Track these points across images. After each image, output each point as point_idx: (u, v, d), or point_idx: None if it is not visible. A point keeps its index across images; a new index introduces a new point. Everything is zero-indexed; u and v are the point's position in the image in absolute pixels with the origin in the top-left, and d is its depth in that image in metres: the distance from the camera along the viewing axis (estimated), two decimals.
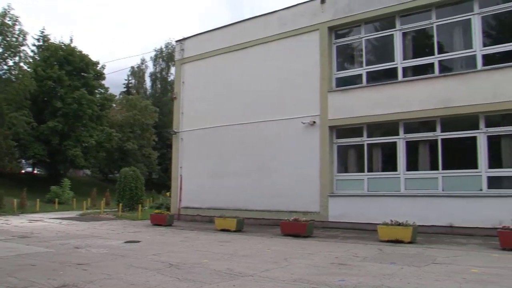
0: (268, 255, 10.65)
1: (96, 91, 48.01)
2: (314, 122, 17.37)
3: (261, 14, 19.94)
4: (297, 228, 14.32)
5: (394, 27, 16.25)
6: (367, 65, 16.85)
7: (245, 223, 16.64)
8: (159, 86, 65.26)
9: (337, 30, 17.68)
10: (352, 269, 8.78)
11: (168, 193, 29.10)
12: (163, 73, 65.48)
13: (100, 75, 48.52)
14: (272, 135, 18.59)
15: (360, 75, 16.93)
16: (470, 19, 14.83)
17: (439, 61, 15.33)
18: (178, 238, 14.53)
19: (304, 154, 17.53)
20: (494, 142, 14.28)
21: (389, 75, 16.28)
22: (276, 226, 15.67)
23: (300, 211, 16.71)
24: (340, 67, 17.65)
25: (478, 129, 14.45)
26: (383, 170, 16.39)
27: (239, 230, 16.02)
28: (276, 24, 19.00)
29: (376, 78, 16.69)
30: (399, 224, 12.73)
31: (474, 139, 14.50)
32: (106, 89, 50.49)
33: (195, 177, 21.11)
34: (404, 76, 15.94)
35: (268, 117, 18.74)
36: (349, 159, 17.41)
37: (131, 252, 11.16)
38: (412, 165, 15.68)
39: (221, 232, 15.94)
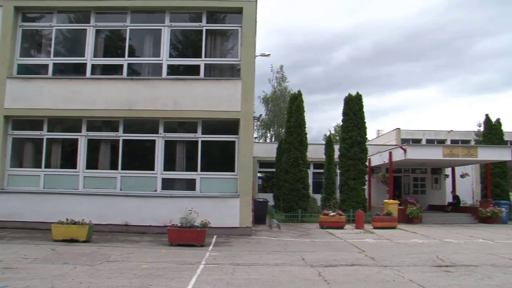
0: None
1: None
2: None
3: None
4: None
5: (89, 23, 15.81)
6: (55, 56, 15.79)
7: None
8: None
9: (25, 12, 16.04)
10: (19, 272, 8.13)
11: None
12: None
13: None
14: None
15: (46, 65, 15.70)
16: (161, 29, 15.66)
17: (129, 64, 15.60)
18: None
19: None
20: (170, 147, 15.29)
21: (78, 70, 15.70)
22: None
23: None
24: (25, 53, 15.99)
25: (157, 133, 15.24)
26: (62, 167, 15.53)
27: None
28: None
29: (64, 71, 15.85)
30: (75, 223, 12.37)
31: (153, 142, 15.22)
32: None
33: None
34: (92, 73, 15.58)
35: None
36: (25, 153, 15.79)
37: None
38: (92, 163, 15.36)
39: None
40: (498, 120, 26.68)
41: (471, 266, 9.59)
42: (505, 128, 26.88)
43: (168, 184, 15.06)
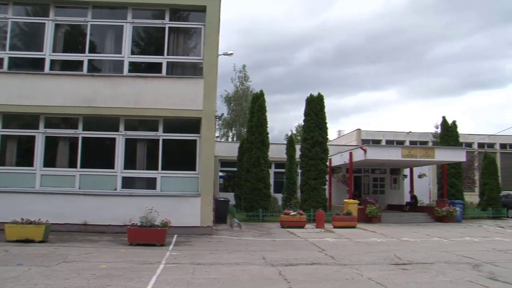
0: None
1: None
2: None
3: None
4: None
5: (48, 16, 15.32)
6: (11, 49, 15.18)
7: None
8: None
9: None
10: None
11: None
12: None
13: None
14: None
15: (1, 59, 15.07)
16: (123, 25, 15.39)
17: (89, 60, 15.25)
18: None
19: None
20: (130, 145, 15.06)
21: (35, 65, 15.17)
22: None
23: None
24: None
25: (118, 131, 14.99)
26: (18, 165, 15.01)
27: None
28: None
29: (21, 65, 15.29)
30: (31, 223, 12.01)
31: (113, 140, 14.96)
32: None
33: None
34: (51, 68, 15.13)
35: None
36: None
37: None
38: (50, 161, 14.96)
39: None
40: (454, 122, 27.58)
41: (426, 264, 9.87)
42: (460, 130, 27.86)
43: (128, 182, 14.82)
